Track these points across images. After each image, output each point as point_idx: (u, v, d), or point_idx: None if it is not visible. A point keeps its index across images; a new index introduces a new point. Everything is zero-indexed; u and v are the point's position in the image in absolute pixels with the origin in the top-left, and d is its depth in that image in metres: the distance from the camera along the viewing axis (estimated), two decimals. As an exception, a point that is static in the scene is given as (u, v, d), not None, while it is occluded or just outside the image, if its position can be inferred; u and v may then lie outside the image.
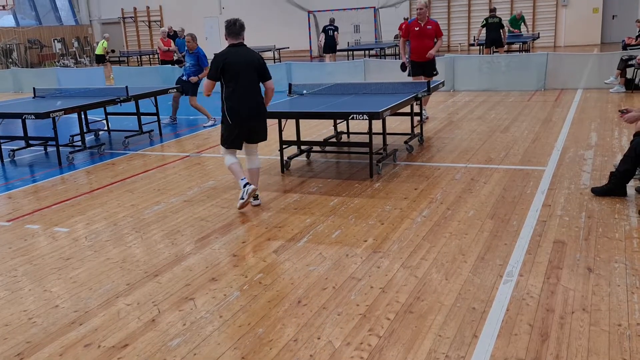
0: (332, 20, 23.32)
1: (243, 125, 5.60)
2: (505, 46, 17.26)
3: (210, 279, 4.19)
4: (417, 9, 9.26)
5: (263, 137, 5.78)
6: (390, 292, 3.84)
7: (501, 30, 16.50)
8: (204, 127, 10.48)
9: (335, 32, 22.90)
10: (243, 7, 28.15)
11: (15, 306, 3.95)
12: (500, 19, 16.57)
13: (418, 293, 3.81)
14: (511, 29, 19.38)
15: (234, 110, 5.54)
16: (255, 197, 5.79)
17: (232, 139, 5.66)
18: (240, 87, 5.53)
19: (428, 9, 9.10)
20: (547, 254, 4.29)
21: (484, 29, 16.59)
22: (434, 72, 9.59)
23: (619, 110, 5.90)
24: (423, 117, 9.03)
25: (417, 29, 9.11)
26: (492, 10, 17.12)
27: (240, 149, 5.76)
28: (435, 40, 9.44)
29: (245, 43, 5.68)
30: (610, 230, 4.67)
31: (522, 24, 19.73)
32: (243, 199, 5.59)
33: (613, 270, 3.98)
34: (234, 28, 5.55)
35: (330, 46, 22.33)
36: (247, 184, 5.60)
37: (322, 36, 21.82)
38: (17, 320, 3.74)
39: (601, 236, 4.57)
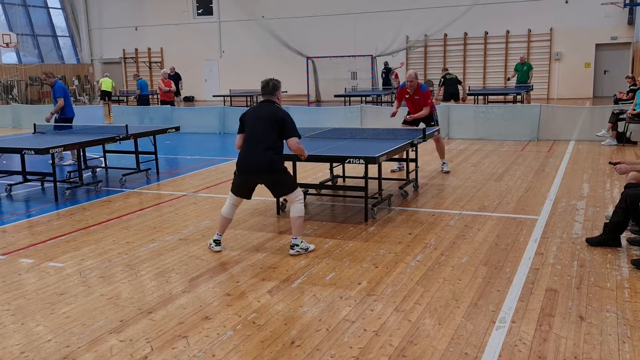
0: (385, 64, 24.95)
1: (243, 177, 5.61)
2: (465, 98, 19.07)
3: (203, 318, 4.20)
4: (406, 80, 9.18)
5: (281, 190, 5.67)
6: (384, 335, 3.85)
7: (459, 85, 18.14)
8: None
9: (389, 74, 24.30)
10: (243, 51, 28.62)
11: (7, 340, 3.93)
12: (456, 76, 18.39)
13: (411, 337, 3.82)
14: (516, 77, 19.94)
15: (238, 161, 5.62)
16: (292, 247, 5.58)
17: (234, 187, 5.72)
18: (250, 140, 5.55)
19: (417, 80, 9.10)
20: (540, 301, 4.33)
21: (443, 86, 18.06)
22: (432, 123, 9.27)
23: (610, 163, 6.03)
24: (443, 169, 9.45)
25: (407, 96, 9.35)
26: (445, 70, 19.15)
27: (246, 197, 5.72)
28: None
29: (274, 100, 5.66)
30: (602, 280, 4.71)
31: (529, 71, 19.98)
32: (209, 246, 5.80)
33: (605, 319, 4.02)
34: (267, 88, 5.64)
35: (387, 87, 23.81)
36: (215, 241, 5.73)
37: (381, 81, 23.80)
38: (9, 355, 3.72)
39: (593, 285, 4.61)
